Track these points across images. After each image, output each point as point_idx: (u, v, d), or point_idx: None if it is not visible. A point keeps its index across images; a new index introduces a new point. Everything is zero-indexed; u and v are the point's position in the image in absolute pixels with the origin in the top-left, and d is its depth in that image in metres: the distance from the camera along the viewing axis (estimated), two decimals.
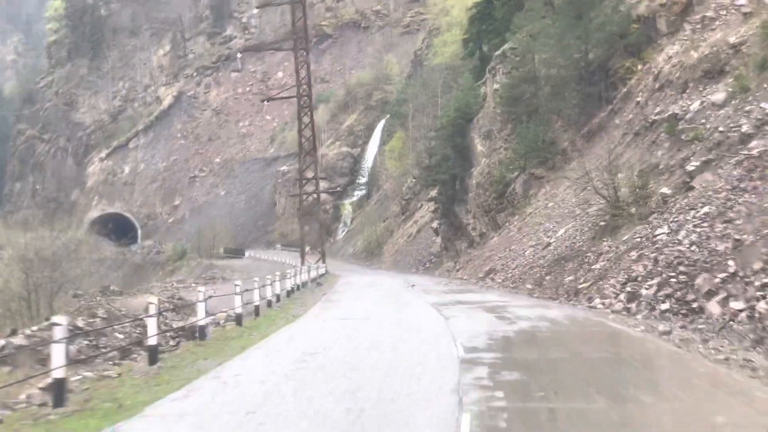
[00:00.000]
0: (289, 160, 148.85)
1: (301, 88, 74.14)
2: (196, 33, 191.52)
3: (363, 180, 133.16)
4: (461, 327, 19.87)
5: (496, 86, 62.23)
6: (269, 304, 27.87)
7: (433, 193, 71.90)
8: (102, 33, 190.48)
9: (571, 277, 28.46)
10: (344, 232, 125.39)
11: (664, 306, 19.02)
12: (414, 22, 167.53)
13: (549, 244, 34.79)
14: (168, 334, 20.58)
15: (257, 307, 25.93)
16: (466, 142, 65.21)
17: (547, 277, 30.86)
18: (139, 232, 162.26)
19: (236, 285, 24.20)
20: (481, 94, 66.37)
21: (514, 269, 35.71)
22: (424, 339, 18.10)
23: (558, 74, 53.31)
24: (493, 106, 61.89)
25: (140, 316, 20.02)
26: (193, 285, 63.11)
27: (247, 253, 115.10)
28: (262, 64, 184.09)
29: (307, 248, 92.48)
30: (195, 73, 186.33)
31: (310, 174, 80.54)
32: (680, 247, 21.17)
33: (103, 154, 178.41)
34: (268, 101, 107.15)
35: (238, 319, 22.67)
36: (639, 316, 19.81)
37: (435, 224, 74.00)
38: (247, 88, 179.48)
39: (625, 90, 47.74)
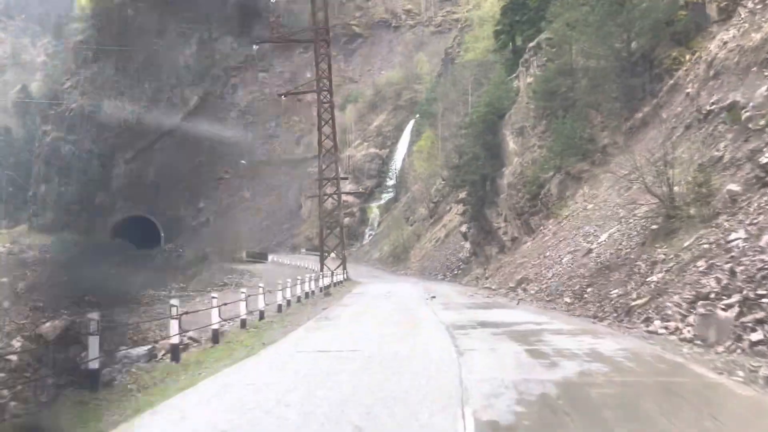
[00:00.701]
0: (316, 161, 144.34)
1: (322, 82, 69.01)
2: (223, 32, 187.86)
3: (391, 182, 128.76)
4: (478, 371, 13.73)
5: (529, 80, 57.85)
6: (261, 315, 23.76)
7: (462, 194, 67.21)
8: (128, 33, 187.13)
9: (618, 291, 23.78)
10: (370, 236, 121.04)
11: (756, 336, 14.09)
12: (446, 21, 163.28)
13: (590, 251, 30.11)
14: None
15: (243, 321, 22.00)
16: (497, 140, 60.66)
17: (589, 290, 26.22)
18: (163, 235, 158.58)
19: (213, 297, 19.86)
20: (514, 88, 61.84)
21: (550, 279, 31.07)
22: (419, 398, 11.77)
23: (597, 65, 48.76)
24: (527, 100, 57.43)
25: None
26: (191, 293, 59.15)
27: (270, 258, 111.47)
28: (290, 64, 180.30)
29: (332, 253, 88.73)
30: (222, 73, 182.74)
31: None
32: (764, 256, 16.50)
33: (127, 156, 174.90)
34: (285, 96, 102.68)
35: (212, 339, 18.25)
36: (720, 349, 14.49)
37: (464, 228, 69.45)
38: (275, 89, 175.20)
39: (672, 81, 43.10)
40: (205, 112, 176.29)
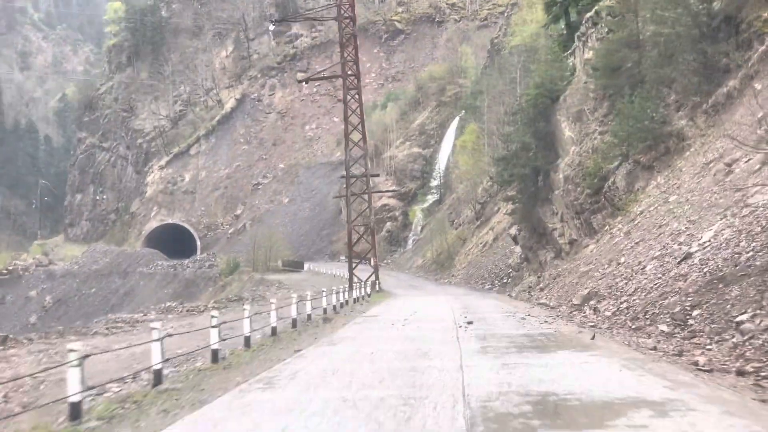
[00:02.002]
0: (356, 163, 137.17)
1: (348, 66, 61.15)
2: (260, 33, 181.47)
3: (435, 183, 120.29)
4: None
5: (587, 55, 49.28)
6: (214, 357, 15.79)
7: (511, 191, 58.44)
8: (162, 35, 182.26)
9: (747, 315, 15.35)
10: (414, 242, 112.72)
11: None
12: (492, 14, 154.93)
13: (689, 255, 21.41)
14: None
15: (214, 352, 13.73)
16: (550, 127, 52.10)
17: (696, 312, 17.72)
18: (198, 243, 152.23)
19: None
20: (569, 66, 53.27)
21: (631, 295, 22.34)
22: None
23: (670, 33, 40.12)
24: (585, 80, 48.87)
25: None
26: (207, 306, 51.83)
27: (306, 266, 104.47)
28: (330, 63, 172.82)
29: (372, 260, 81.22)
30: (259, 75, 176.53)
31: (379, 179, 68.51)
32: None
33: (162, 162, 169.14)
34: (306, 82, 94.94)
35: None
36: None
37: (513, 230, 60.95)
38: (314, 89, 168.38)
39: (764, 48, 34.58)
40: (243, 115, 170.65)
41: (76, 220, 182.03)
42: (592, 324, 22.09)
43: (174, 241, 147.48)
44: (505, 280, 60.78)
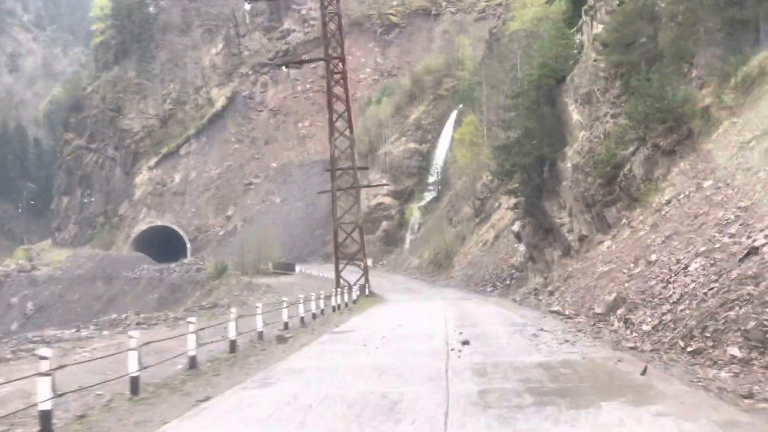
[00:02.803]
0: (343, 154, 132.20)
1: (331, 48, 56.01)
2: (251, 28, 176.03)
3: (432, 179, 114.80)
4: None
5: (597, 30, 44.07)
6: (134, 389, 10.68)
7: (513, 184, 52.91)
8: (150, 32, 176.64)
9: None
10: (410, 241, 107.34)
11: None
12: (489, 6, 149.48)
13: (754, 251, 16.15)
14: None
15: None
16: (555, 111, 46.90)
17: None
18: (189, 246, 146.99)
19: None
20: (576, 44, 48.00)
21: (676, 303, 16.76)
22: None
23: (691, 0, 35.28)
24: (594, 57, 43.67)
25: None
26: (169, 317, 46.51)
27: (298, 269, 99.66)
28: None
29: (369, 261, 76.20)
30: (250, 72, 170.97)
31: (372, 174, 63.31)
32: None
33: (151, 163, 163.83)
34: (287, 67, 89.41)
35: None
36: None
37: (516, 227, 55.57)
38: (308, 86, 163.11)
39: None
40: (234, 114, 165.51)
41: (64, 223, 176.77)
42: (630, 343, 16.65)
43: (163, 244, 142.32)
44: (507, 282, 55.53)
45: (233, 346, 18.33)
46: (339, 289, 48.65)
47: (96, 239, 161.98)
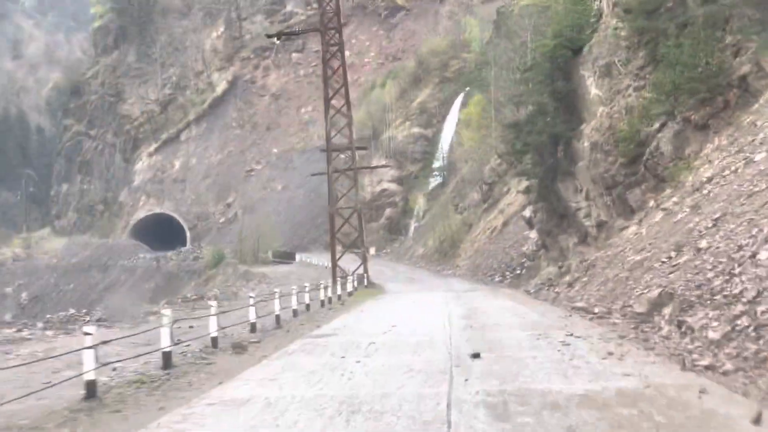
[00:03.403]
0: (339, 134, 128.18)
1: (327, 18, 51.98)
2: (253, 11, 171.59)
3: (438, 164, 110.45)
4: None
5: None
6: None
7: (524, 165, 48.59)
8: (150, 15, 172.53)
9: None
10: (415, 229, 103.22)
11: None
12: None
13: None
14: None
15: None
16: (571, 85, 42.77)
17: None
18: (188, 234, 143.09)
19: None
20: (593, 11, 43.77)
21: (753, 303, 12.43)
22: None
23: None
24: (614, 25, 39.52)
25: None
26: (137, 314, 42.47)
27: (299, 257, 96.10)
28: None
29: (372, 250, 72.57)
30: (252, 56, 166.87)
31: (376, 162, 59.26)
32: None
33: (151, 149, 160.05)
34: (278, 38, 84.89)
35: None
36: None
37: (527, 212, 51.49)
38: (311, 70, 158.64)
39: None
40: (235, 98, 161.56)
41: (63, 211, 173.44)
42: (701, 359, 12.31)
43: (162, 232, 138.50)
44: (518, 271, 51.45)
45: (167, 360, 14.10)
46: (334, 280, 44.89)
47: (95, 227, 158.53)
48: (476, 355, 13.73)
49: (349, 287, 43.73)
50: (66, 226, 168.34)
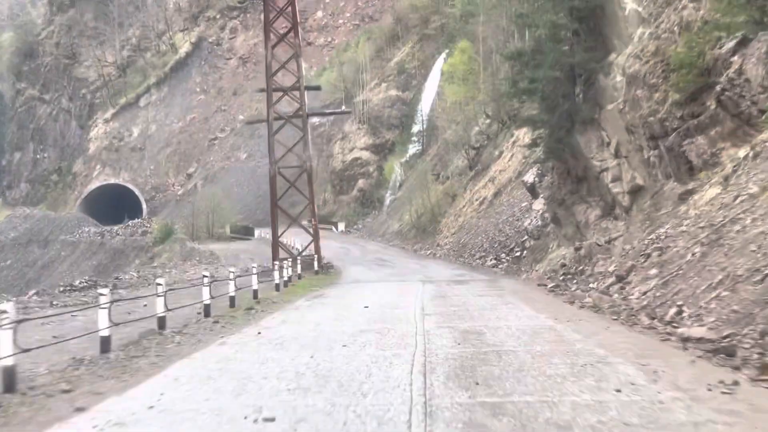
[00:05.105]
0: (325, 110, 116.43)
1: None
2: None
3: (417, 128, 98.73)
4: None
5: None
6: None
7: (531, 110, 36.82)
8: None
9: None
10: (390, 202, 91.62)
11: None
12: None
13: None
14: None
15: None
16: (596, 1, 31.12)
17: None
18: (145, 207, 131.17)
19: None
20: None
21: None
22: None
23: None
24: None
25: None
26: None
27: (258, 233, 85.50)
28: (299, 2, 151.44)
29: (342, 225, 61.60)
30: (218, 16, 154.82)
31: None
32: None
33: (108, 115, 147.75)
34: None
35: None
36: None
37: (530, 176, 40.10)
38: (281, 31, 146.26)
39: None
40: (199, 61, 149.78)
41: (15, 181, 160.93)
42: None
43: (117, 205, 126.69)
44: (517, 253, 39.84)
45: None
46: (274, 263, 33.53)
47: (49, 199, 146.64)
48: None
49: (289, 273, 32.21)
50: (18, 197, 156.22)
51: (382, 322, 16.23)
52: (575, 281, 26.51)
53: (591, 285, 22.66)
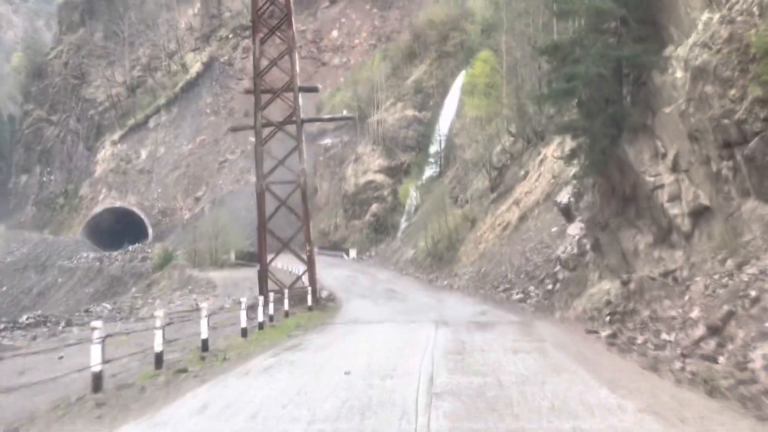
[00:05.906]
0: (337, 131, 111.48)
1: None
2: None
3: (434, 149, 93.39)
4: None
5: None
6: None
7: (568, 115, 31.13)
8: None
9: None
10: (405, 228, 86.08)
11: None
12: None
13: None
14: None
15: None
16: None
17: None
18: (150, 231, 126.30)
19: None
20: None
21: None
22: None
23: None
24: None
25: None
26: None
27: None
28: (313, 21, 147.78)
29: (353, 252, 57.09)
30: (230, 35, 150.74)
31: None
32: None
33: (115, 137, 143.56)
34: None
35: None
36: None
37: (564, 196, 34.55)
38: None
39: None
40: (210, 81, 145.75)
41: (21, 204, 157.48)
42: None
43: (122, 229, 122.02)
44: (548, 285, 34.11)
45: None
46: (266, 298, 28.26)
47: (55, 222, 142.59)
48: None
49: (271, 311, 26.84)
50: (24, 220, 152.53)
51: (360, 415, 10.52)
52: (630, 325, 20.91)
53: (664, 336, 16.98)
